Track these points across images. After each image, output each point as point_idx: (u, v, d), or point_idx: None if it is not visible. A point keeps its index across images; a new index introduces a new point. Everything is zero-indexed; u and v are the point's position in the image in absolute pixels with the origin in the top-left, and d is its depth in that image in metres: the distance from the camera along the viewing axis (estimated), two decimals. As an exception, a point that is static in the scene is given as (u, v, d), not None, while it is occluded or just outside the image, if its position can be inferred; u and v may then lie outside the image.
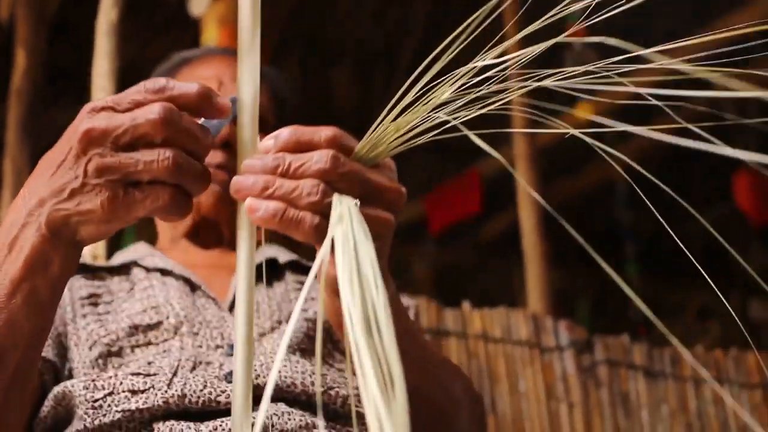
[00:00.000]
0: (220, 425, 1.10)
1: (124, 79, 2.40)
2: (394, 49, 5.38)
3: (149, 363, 1.19)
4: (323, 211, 0.80)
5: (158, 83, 0.84)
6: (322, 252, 0.72)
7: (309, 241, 0.85)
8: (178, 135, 0.82)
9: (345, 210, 0.76)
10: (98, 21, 2.69)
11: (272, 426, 1.10)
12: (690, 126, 0.64)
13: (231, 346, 1.22)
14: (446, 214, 4.54)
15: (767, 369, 2.67)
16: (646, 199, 0.69)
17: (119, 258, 1.45)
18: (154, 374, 1.16)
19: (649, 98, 0.70)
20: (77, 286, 1.33)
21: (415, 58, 5.41)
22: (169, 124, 0.81)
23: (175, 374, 1.16)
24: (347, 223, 0.74)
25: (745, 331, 0.78)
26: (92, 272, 1.38)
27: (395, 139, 0.82)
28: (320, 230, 0.80)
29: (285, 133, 0.85)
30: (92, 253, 2.18)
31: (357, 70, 5.43)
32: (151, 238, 1.54)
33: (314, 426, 1.13)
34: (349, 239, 0.72)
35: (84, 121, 0.83)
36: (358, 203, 0.79)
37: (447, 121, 0.78)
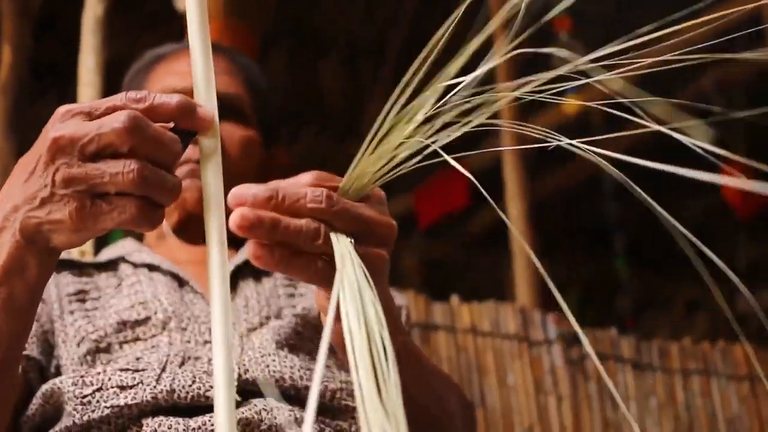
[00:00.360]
0: (209, 420, 1.10)
1: (110, 74, 2.39)
2: (382, 43, 5.37)
3: (138, 359, 1.19)
4: (327, 253, 0.80)
5: (139, 93, 0.82)
6: (333, 302, 0.69)
7: (312, 283, 0.86)
8: (144, 144, 0.80)
9: (345, 251, 0.76)
10: (84, 16, 2.68)
11: (261, 421, 1.10)
12: (661, 128, 0.64)
13: None
14: (435, 208, 4.54)
15: (755, 361, 2.68)
16: (643, 192, 0.69)
17: (106, 254, 1.45)
18: (143, 370, 1.16)
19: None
20: (64, 283, 1.33)
21: (403, 51, 5.42)
22: (134, 132, 0.79)
23: (163, 370, 1.16)
24: (349, 266, 0.74)
25: (736, 326, 0.78)
26: (79, 268, 1.38)
27: (378, 170, 0.82)
28: (324, 274, 0.80)
29: (264, 186, 0.83)
30: (79, 249, 2.17)
31: (345, 64, 5.42)
32: (138, 234, 1.53)
33: (303, 420, 1.13)
34: (353, 283, 0.72)
35: (54, 127, 0.82)
36: (353, 242, 0.79)
37: (428, 144, 0.78)
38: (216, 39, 2.03)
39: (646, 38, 0.71)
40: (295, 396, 1.16)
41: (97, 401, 1.13)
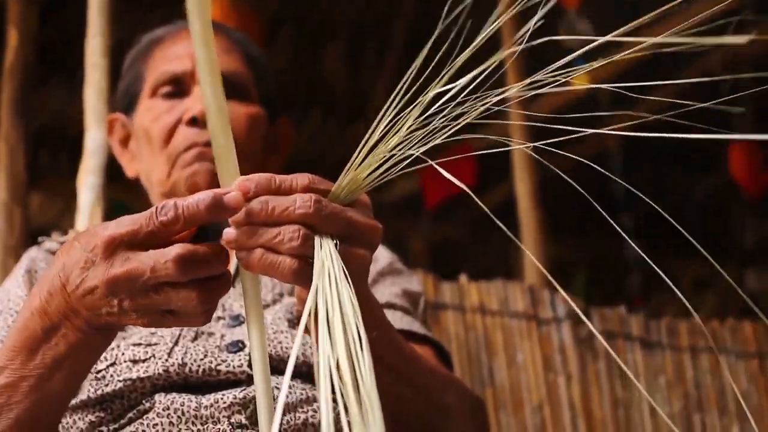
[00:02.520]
0: (221, 398, 1.10)
1: (116, 56, 2.39)
2: (387, 26, 5.36)
3: (151, 333, 1.20)
4: (304, 254, 0.83)
5: (169, 212, 0.85)
6: (308, 303, 0.76)
7: (290, 283, 0.92)
8: (197, 271, 0.85)
9: (326, 255, 0.81)
10: (90, -2, 2.67)
11: (273, 399, 1.10)
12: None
13: (233, 318, 1.23)
14: (442, 189, 4.53)
15: (764, 339, 2.68)
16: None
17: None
18: (155, 344, 1.17)
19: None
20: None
21: (406, 37, 5.41)
22: (186, 269, 0.84)
23: (176, 343, 1.17)
24: (329, 269, 0.79)
25: (749, 301, 0.78)
26: None
27: (368, 175, 0.85)
28: (299, 274, 0.84)
29: (262, 178, 0.86)
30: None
31: (349, 49, 5.41)
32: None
33: (315, 399, 1.13)
34: (331, 286, 0.77)
35: (101, 263, 0.86)
36: (338, 243, 0.84)
37: (422, 146, 0.82)
38: (222, 22, 2.03)
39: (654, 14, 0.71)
40: (307, 373, 1.17)
41: (111, 375, 1.14)
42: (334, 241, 0.84)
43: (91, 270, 0.87)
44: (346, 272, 0.79)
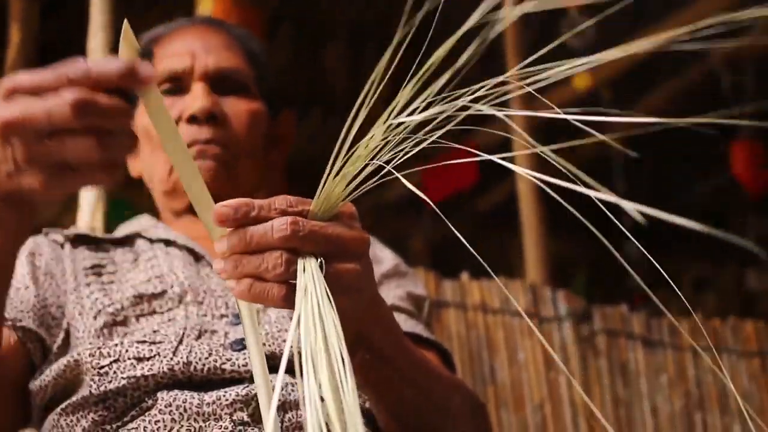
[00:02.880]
0: (223, 395, 1.10)
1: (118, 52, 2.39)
2: (385, 27, 5.36)
3: (155, 331, 1.20)
4: (290, 279, 0.83)
5: (78, 68, 0.82)
6: (291, 330, 0.76)
7: (278, 308, 0.91)
8: (95, 120, 0.81)
9: (309, 278, 0.81)
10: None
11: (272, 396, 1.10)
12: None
13: (236, 315, 1.23)
14: (443, 187, 4.53)
15: (765, 338, 2.68)
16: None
17: (123, 230, 1.46)
18: (160, 342, 1.17)
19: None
20: (81, 258, 1.34)
21: (406, 35, 5.39)
22: (83, 113, 0.80)
23: (180, 342, 1.17)
24: (311, 293, 0.79)
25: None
26: (96, 244, 1.39)
27: (344, 189, 0.85)
28: (288, 300, 0.83)
29: (239, 203, 0.85)
30: (90, 226, 2.18)
31: (349, 48, 5.41)
32: (155, 211, 1.53)
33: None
34: (314, 310, 0.78)
35: (1, 106, 0.83)
36: (323, 263, 0.83)
37: (397, 156, 0.83)
38: (223, 19, 2.03)
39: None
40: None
41: (114, 372, 1.14)
42: (318, 261, 0.83)
43: None
44: (330, 295, 0.79)
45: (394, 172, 0.82)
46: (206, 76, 1.42)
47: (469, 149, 0.81)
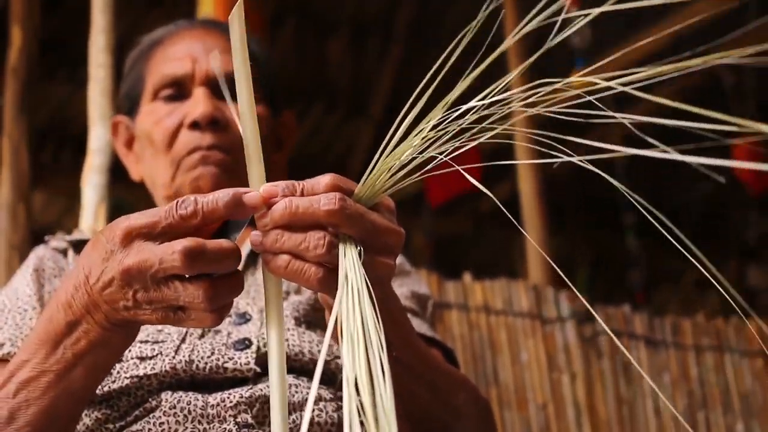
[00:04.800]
0: (228, 397, 1.10)
1: (120, 53, 2.39)
2: (389, 20, 5.36)
3: (158, 330, 1.20)
4: (329, 262, 0.84)
5: (188, 207, 0.86)
6: (334, 311, 0.77)
7: (313, 290, 0.94)
8: (205, 266, 0.85)
9: (350, 265, 0.81)
10: (93, -4, 2.67)
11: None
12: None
13: (239, 315, 1.23)
14: (446, 188, 4.54)
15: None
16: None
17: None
18: (162, 341, 1.17)
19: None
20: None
21: (409, 30, 5.41)
22: (194, 262, 0.84)
23: (183, 341, 1.17)
24: (353, 279, 0.79)
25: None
26: None
27: (389, 177, 0.85)
28: (324, 282, 0.84)
29: (287, 183, 0.87)
30: (92, 228, 2.18)
31: (352, 42, 5.41)
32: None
33: (322, 399, 1.13)
34: (354, 296, 0.78)
35: (119, 253, 0.87)
36: (362, 251, 0.83)
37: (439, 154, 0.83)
38: (224, 20, 2.03)
39: None
40: (313, 371, 1.16)
41: (118, 372, 1.14)
42: (358, 249, 0.83)
43: (109, 261, 0.88)
44: (369, 283, 0.79)
45: (451, 162, 0.83)
46: (207, 81, 1.41)
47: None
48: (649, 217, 0.70)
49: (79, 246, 1.36)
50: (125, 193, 3.21)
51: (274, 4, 4.25)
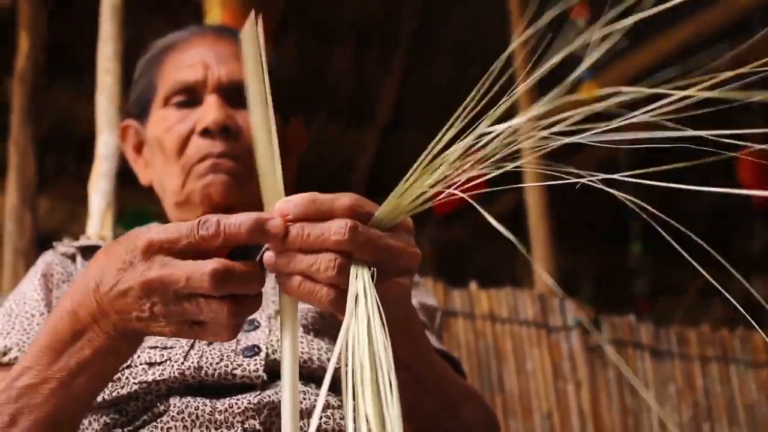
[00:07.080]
0: (236, 403, 1.10)
1: (127, 60, 2.40)
2: (393, 28, 5.37)
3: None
4: (341, 283, 0.84)
5: (210, 228, 0.86)
6: (340, 339, 0.77)
7: (323, 310, 0.95)
8: (232, 289, 0.86)
9: (360, 287, 0.81)
10: (102, 4, 2.68)
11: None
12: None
13: (248, 322, 1.23)
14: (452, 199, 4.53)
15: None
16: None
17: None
18: (171, 347, 1.17)
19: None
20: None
21: (413, 37, 5.41)
22: (220, 283, 0.85)
23: (192, 347, 1.17)
24: (362, 304, 0.80)
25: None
26: None
27: (411, 201, 0.85)
28: (336, 302, 0.84)
29: (303, 200, 0.87)
30: (99, 234, 2.18)
31: (355, 49, 5.42)
32: (165, 218, 1.53)
33: (330, 406, 1.13)
34: (363, 320, 0.78)
35: (140, 265, 0.88)
36: (375, 272, 0.83)
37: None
38: (232, 25, 2.03)
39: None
40: (323, 378, 1.16)
41: (126, 378, 1.14)
42: (371, 270, 0.83)
43: (127, 272, 0.88)
44: (380, 306, 0.79)
45: (468, 199, 0.84)
46: (219, 88, 1.41)
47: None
48: (656, 226, 0.70)
49: (87, 251, 1.36)
50: (133, 199, 3.22)
51: (278, 12, 4.26)
